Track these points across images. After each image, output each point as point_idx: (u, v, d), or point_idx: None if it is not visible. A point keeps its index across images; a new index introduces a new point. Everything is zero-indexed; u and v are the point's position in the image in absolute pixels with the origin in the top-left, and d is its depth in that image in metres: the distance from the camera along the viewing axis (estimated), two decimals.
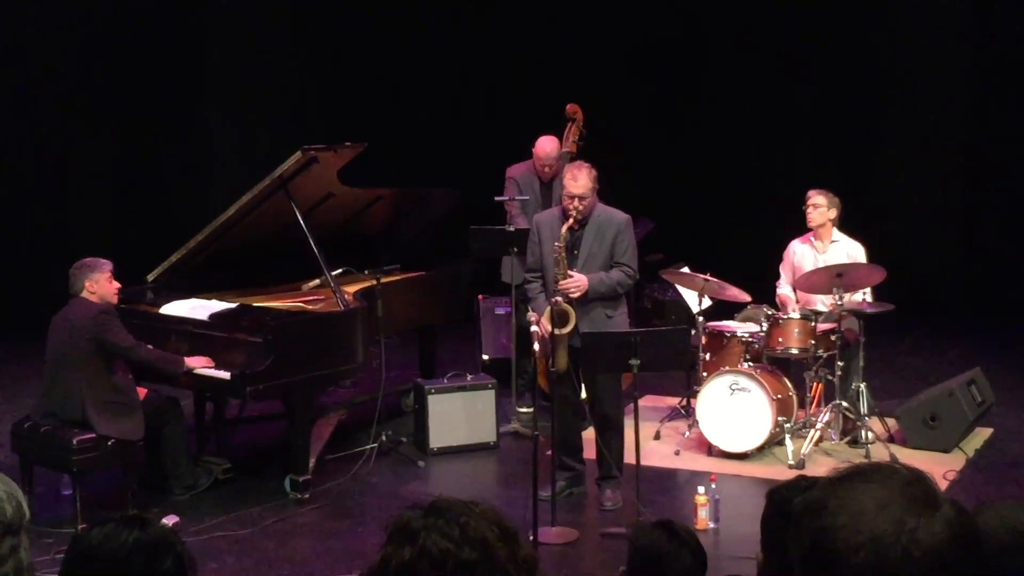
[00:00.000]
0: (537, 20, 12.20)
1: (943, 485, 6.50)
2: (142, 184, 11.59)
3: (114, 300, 6.38)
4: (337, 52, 12.36)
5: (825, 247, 7.54)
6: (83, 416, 6.13)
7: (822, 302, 7.46)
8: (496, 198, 7.98)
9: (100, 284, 6.26)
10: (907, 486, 1.53)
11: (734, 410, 7.13)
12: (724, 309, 7.92)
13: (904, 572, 1.47)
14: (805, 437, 7.17)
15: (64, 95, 11.25)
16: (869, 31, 11.59)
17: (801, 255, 7.61)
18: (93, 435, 6.12)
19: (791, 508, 1.68)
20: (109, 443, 6.15)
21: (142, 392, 6.48)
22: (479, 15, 12.17)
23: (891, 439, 7.44)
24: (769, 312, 7.42)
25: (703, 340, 7.51)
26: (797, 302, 7.61)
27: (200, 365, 6.49)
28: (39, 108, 11.15)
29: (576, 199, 6.29)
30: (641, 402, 6.40)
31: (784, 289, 7.68)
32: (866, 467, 1.59)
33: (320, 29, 12.41)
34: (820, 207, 7.50)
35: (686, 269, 7.89)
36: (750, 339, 7.42)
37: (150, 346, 6.51)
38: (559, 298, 6.19)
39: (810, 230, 7.59)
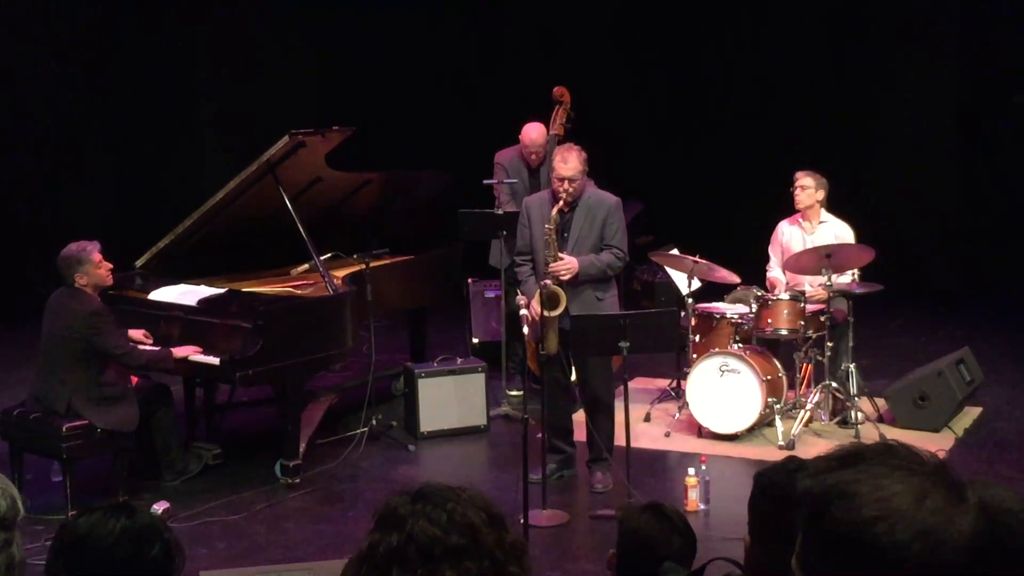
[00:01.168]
0: (525, 2, 12.16)
1: None
2: (139, 175, 11.54)
3: (109, 282, 6.33)
4: (328, 38, 12.31)
5: (813, 228, 7.54)
6: (66, 411, 6.09)
7: (810, 283, 7.46)
8: (485, 181, 7.98)
9: (90, 274, 6.19)
10: (936, 473, 1.47)
11: (724, 391, 7.14)
12: (714, 290, 7.92)
13: (953, 564, 1.42)
14: (795, 418, 7.18)
15: (63, 90, 11.19)
16: (862, 10, 11.57)
17: (790, 236, 7.61)
18: (83, 422, 6.09)
19: (792, 492, 1.59)
20: (99, 430, 6.13)
21: (133, 380, 6.46)
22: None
23: (881, 419, 7.45)
24: (759, 293, 7.42)
25: (693, 322, 7.51)
26: (787, 284, 7.62)
27: (188, 354, 6.46)
28: (38, 100, 11.09)
29: (566, 181, 6.28)
30: (631, 384, 6.41)
31: (775, 272, 7.67)
32: (880, 449, 1.49)
33: (313, 17, 12.35)
34: (808, 188, 7.48)
35: (675, 251, 7.88)
36: (740, 320, 7.43)
37: (138, 339, 6.46)
38: (549, 280, 6.19)
39: (798, 211, 7.59)
